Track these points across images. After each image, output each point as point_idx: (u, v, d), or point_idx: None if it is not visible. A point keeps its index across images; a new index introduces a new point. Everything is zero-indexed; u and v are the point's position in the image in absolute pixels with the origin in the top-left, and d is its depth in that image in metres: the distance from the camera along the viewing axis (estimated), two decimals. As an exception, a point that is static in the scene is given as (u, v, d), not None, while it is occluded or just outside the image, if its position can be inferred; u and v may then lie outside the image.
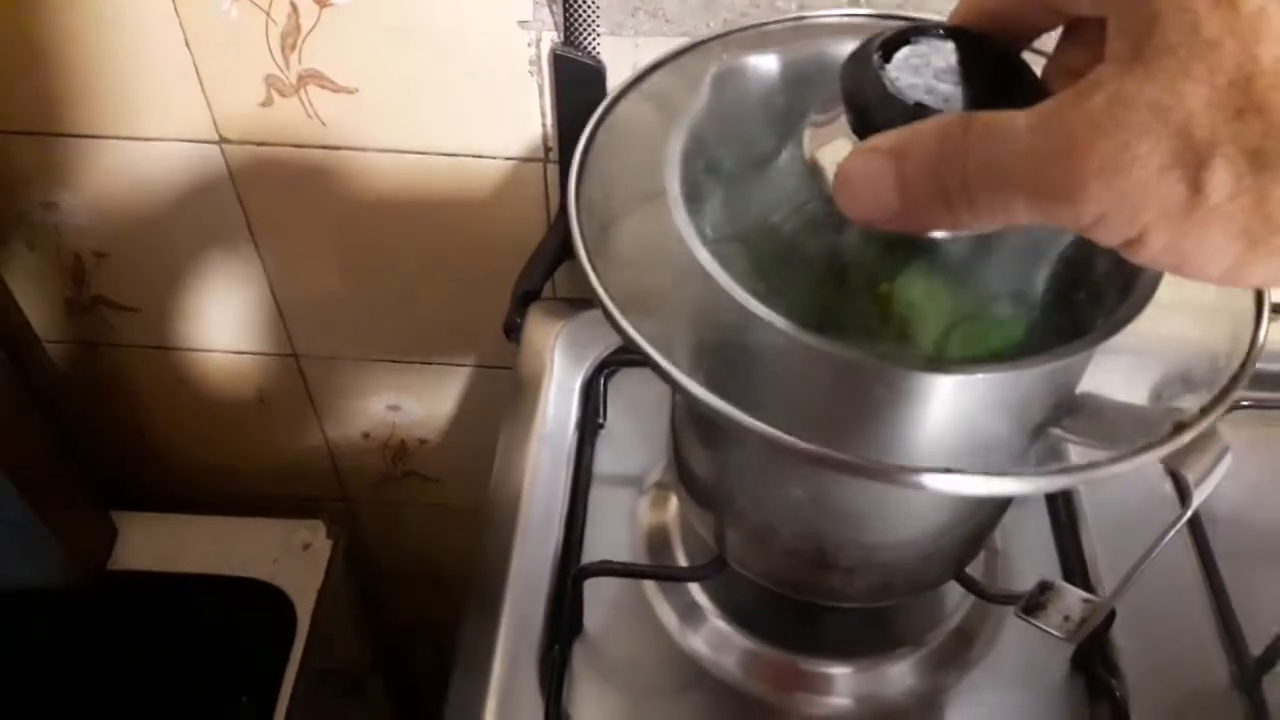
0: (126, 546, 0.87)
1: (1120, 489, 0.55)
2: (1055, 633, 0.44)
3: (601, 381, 0.63)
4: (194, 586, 0.84)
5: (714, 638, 0.53)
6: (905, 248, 0.35)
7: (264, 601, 0.83)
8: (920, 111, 0.33)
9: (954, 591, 0.53)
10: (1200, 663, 0.52)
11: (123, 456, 0.94)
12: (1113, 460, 0.32)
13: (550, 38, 0.59)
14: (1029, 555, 0.56)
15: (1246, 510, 0.58)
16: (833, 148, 0.37)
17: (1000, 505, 0.46)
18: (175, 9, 0.60)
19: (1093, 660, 0.51)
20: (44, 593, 0.83)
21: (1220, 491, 0.58)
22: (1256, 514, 0.59)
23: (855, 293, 0.37)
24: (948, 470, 0.31)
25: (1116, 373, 0.39)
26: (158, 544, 0.87)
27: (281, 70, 0.62)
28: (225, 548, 0.87)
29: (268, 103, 0.64)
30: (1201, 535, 0.56)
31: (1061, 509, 0.57)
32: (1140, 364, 0.38)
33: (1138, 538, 0.40)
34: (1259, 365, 0.35)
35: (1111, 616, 0.50)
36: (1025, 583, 0.46)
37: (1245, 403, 0.60)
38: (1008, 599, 0.47)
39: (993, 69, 0.34)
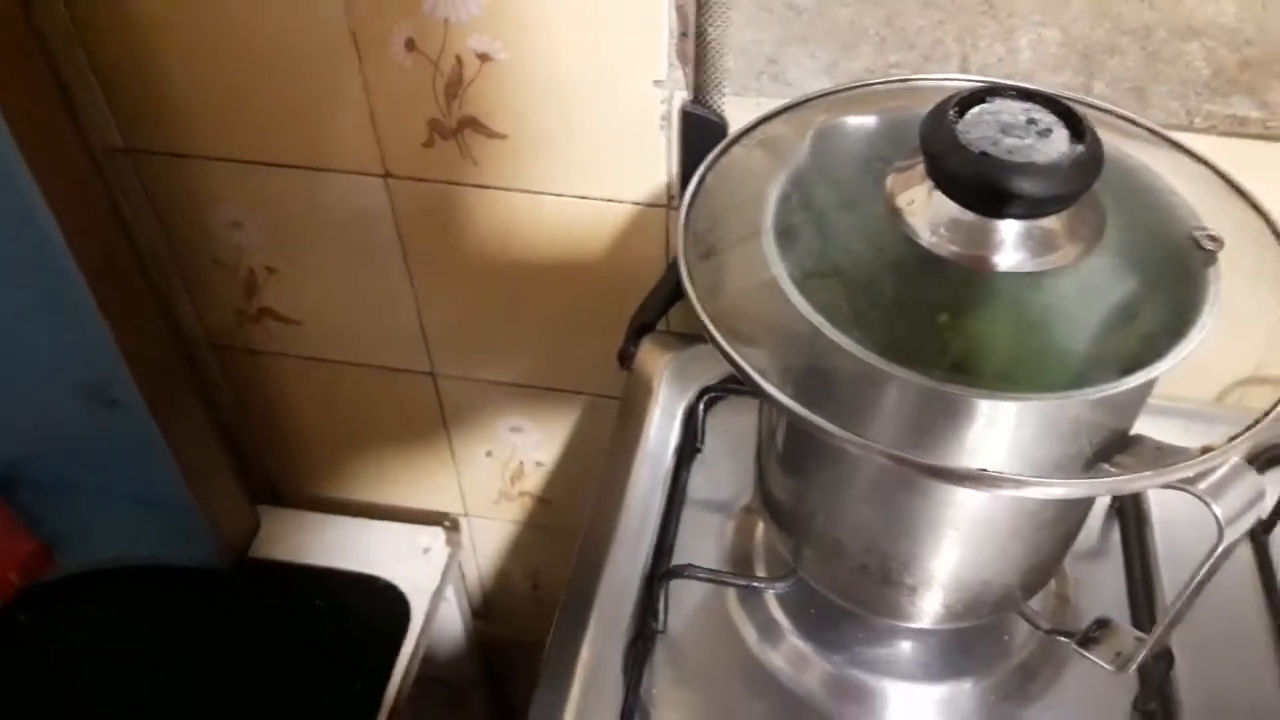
0: (266, 538, 0.97)
1: (1197, 544, 0.57)
2: (1106, 665, 0.46)
3: (701, 409, 0.68)
4: (322, 578, 0.93)
5: (789, 652, 0.57)
6: (966, 283, 0.40)
7: (383, 598, 0.90)
8: (984, 160, 0.38)
9: (1022, 628, 0.55)
10: (1263, 710, 0.53)
11: (271, 456, 1.04)
12: (1141, 476, 0.35)
13: (681, 96, 0.65)
14: (1100, 608, 0.57)
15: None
16: (910, 193, 0.41)
17: (1060, 538, 0.49)
18: (359, 57, 0.69)
19: (1153, 705, 0.52)
20: (193, 571, 0.92)
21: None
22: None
23: (923, 323, 0.41)
24: (982, 471, 0.35)
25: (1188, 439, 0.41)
26: (293, 538, 0.96)
27: (443, 115, 0.71)
28: (352, 546, 0.95)
29: (429, 143, 0.73)
30: (1273, 589, 0.57)
31: (1137, 563, 0.59)
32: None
33: (1211, 593, 0.42)
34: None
35: (1170, 661, 0.51)
36: (1092, 630, 0.48)
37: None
38: (1065, 634, 0.49)
39: (1053, 125, 0.38)
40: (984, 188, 0.38)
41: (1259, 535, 0.60)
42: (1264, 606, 0.57)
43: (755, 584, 0.57)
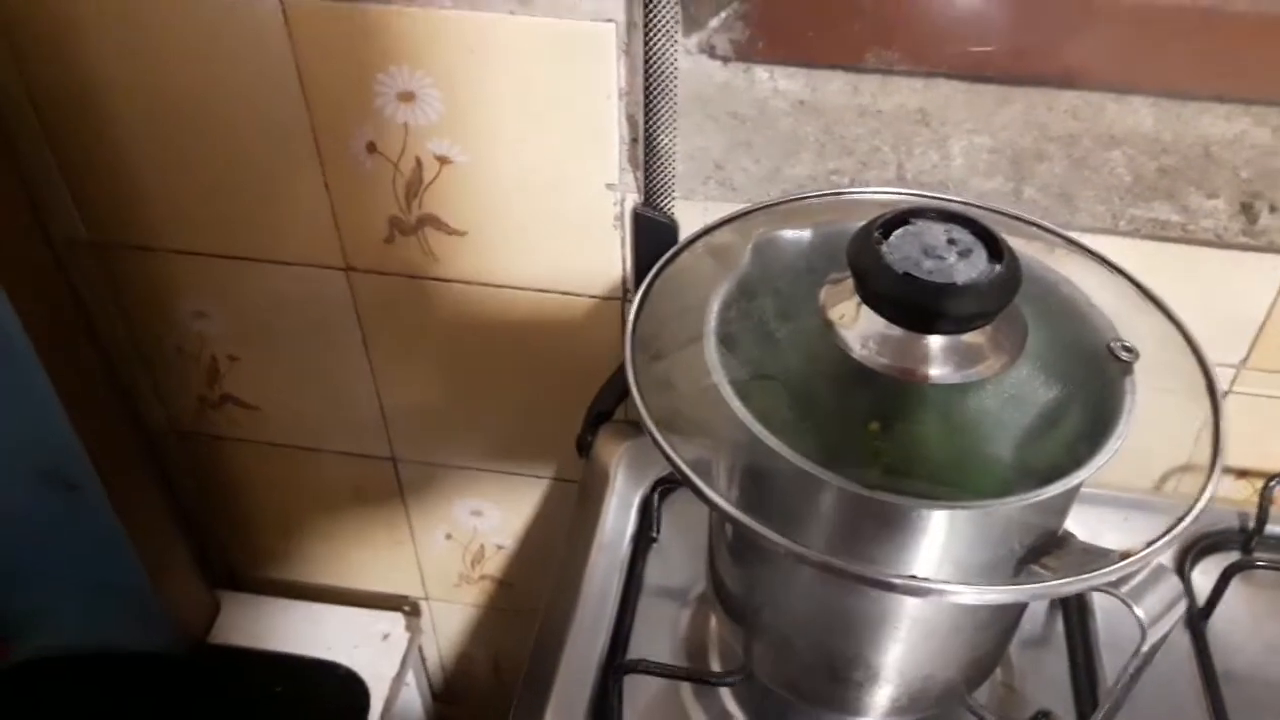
0: (226, 623, 0.96)
1: (1136, 630, 0.58)
2: (1045, 759, 0.47)
3: (656, 499, 0.69)
4: (281, 665, 0.92)
5: (741, 745, 0.58)
6: (896, 393, 0.42)
7: (343, 684, 0.90)
8: (907, 281, 0.40)
9: (967, 718, 0.56)
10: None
11: (232, 540, 1.04)
12: (1065, 582, 0.37)
13: (633, 198, 0.68)
14: (1046, 696, 0.59)
15: (1266, 668, 0.61)
16: (841, 307, 0.44)
17: (998, 634, 0.50)
18: (320, 157, 0.71)
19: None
20: (149, 657, 0.91)
21: (1242, 649, 0.61)
22: (1275, 673, 0.60)
23: (856, 430, 0.43)
24: (910, 578, 0.36)
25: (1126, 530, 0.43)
26: (253, 623, 0.96)
27: (404, 213, 0.73)
28: (312, 632, 0.95)
29: (390, 239, 0.74)
30: (1216, 690, 0.58)
31: (1080, 653, 0.60)
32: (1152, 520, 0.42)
33: (1151, 681, 0.43)
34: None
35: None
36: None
37: (1260, 563, 0.63)
38: (1007, 726, 0.50)
39: (973, 246, 0.41)
40: (907, 307, 0.40)
41: (1197, 623, 0.62)
42: (1203, 694, 0.59)
43: (708, 679, 0.58)
